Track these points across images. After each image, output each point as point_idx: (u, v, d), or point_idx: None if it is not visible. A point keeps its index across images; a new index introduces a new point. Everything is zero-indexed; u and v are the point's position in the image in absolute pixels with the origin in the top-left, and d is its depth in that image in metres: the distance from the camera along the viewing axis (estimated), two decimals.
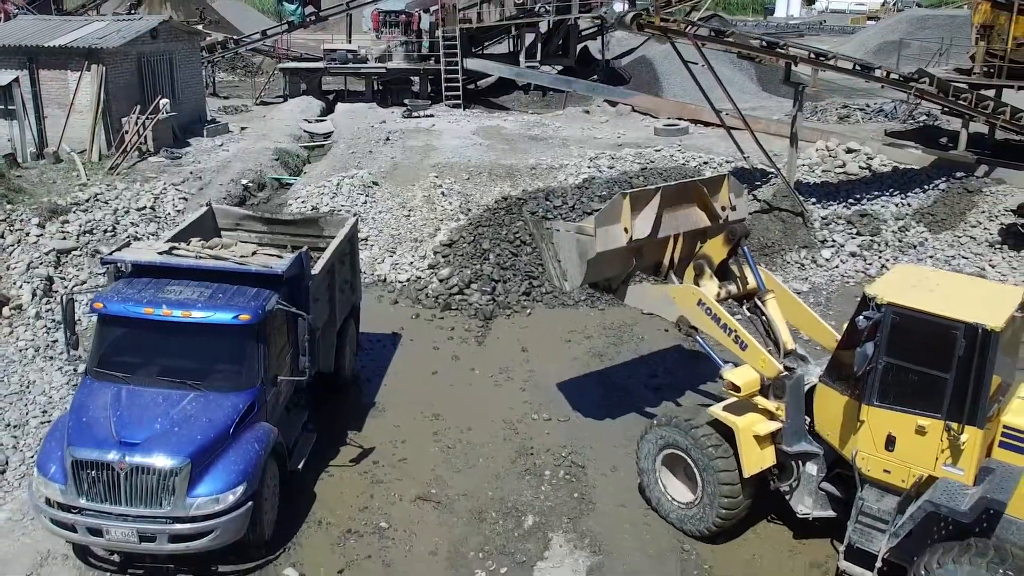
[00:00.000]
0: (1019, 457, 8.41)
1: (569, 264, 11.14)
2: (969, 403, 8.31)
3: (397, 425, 12.71)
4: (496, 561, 9.93)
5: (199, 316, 9.82)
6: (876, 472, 9.08)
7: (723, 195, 11.69)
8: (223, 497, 9.13)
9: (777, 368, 10.09)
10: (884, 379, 8.81)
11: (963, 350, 8.24)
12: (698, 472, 10.14)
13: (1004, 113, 21.40)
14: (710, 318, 10.58)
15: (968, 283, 10.29)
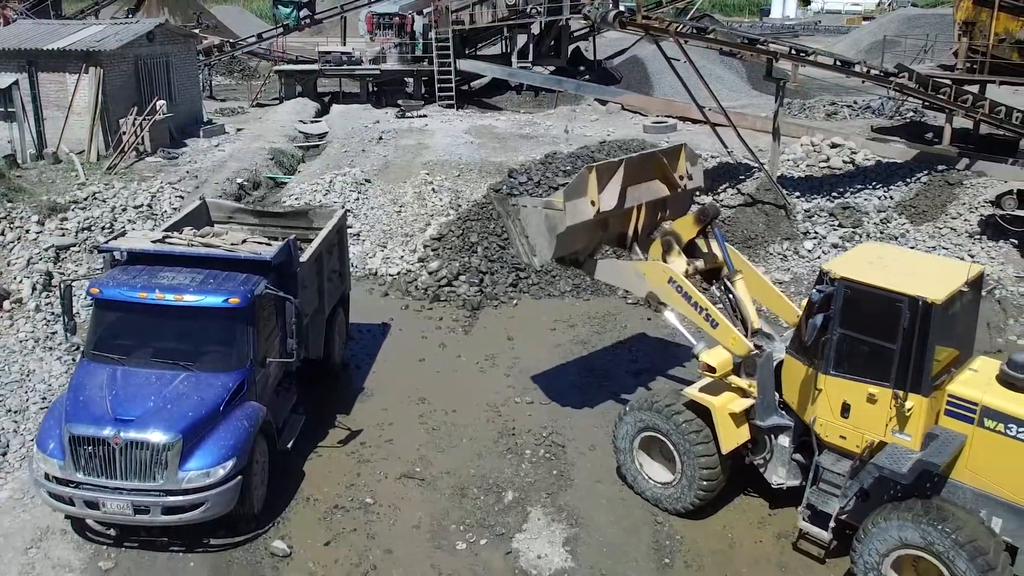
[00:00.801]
0: (962, 424, 8.83)
1: (538, 239, 11.26)
2: (912, 372, 8.77)
3: (384, 409, 13.16)
4: (476, 534, 10.36)
5: (191, 300, 10.28)
6: (833, 438, 9.58)
7: (681, 165, 12.03)
8: (213, 471, 9.58)
9: (748, 347, 10.49)
10: (839, 349, 9.29)
11: (907, 322, 8.68)
12: (677, 453, 10.49)
13: (983, 107, 21.81)
14: (681, 295, 10.85)
15: (923, 260, 10.74)
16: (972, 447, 8.78)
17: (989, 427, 8.64)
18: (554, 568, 9.77)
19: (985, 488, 8.73)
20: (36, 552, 9.91)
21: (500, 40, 37.10)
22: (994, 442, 8.61)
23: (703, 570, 9.80)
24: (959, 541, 8.33)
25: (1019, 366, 8.83)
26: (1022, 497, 8.53)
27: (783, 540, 10.29)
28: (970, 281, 9.09)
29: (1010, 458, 8.53)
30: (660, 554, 10.02)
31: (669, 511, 10.69)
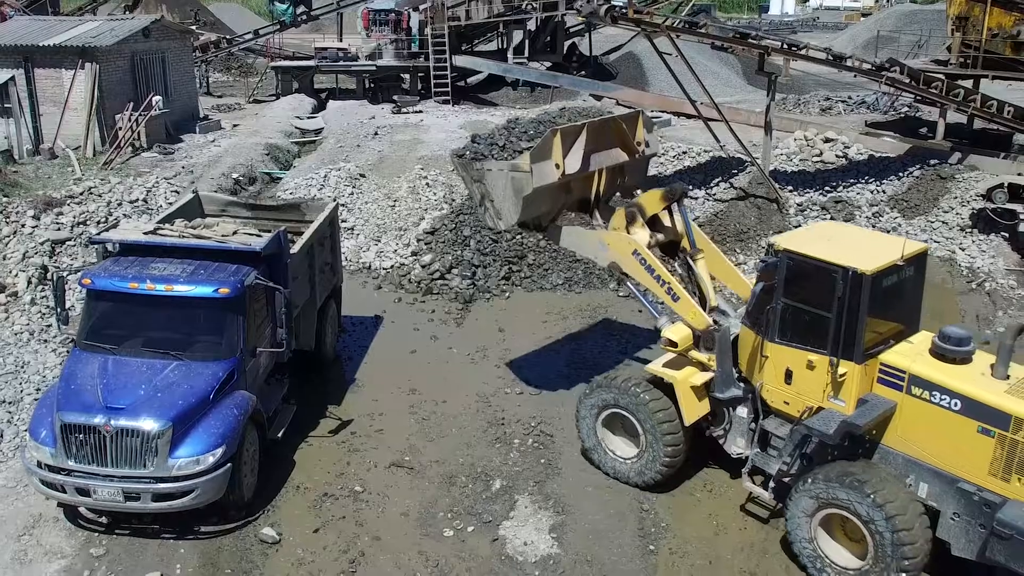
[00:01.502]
0: (892, 392, 9.25)
1: (504, 203, 11.31)
2: (845, 340, 9.23)
3: (375, 399, 13.28)
4: (464, 521, 10.48)
5: (181, 290, 10.41)
6: (778, 403, 10.10)
7: (639, 132, 12.23)
8: (203, 458, 9.70)
9: (707, 321, 10.83)
10: (782, 318, 9.77)
11: (842, 291, 9.13)
12: (641, 427, 10.81)
13: (975, 101, 21.90)
14: (644, 268, 11.08)
15: (869, 236, 11.32)
16: (901, 414, 9.21)
17: (916, 394, 9.04)
18: (540, 554, 9.89)
19: (913, 454, 9.15)
20: (29, 539, 10.03)
21: (496, 36, 37.15)
22: (920, 409, 9.02)
23: (688, 556, 9.92)
24: (877, 501, 8.77)
25: (949, 338, 9.19)
26: (945, 462, 8.91)
27: (768, 527, 10.42)
28: (908, 256, 9.38)
29: (934, 425, 8.93)
30: (645, 540, 10.14)
31: (637, 486, 10.98)
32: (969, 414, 8.68)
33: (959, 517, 8.84)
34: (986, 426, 8.56)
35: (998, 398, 8.59)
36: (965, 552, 8.85)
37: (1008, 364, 9.01)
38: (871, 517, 8.85)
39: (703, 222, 20.83)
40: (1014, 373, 9.03)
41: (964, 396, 8.72)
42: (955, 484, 8.83)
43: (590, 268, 17.61)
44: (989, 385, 8.79)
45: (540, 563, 9.75)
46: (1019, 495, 8.43)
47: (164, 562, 9.68)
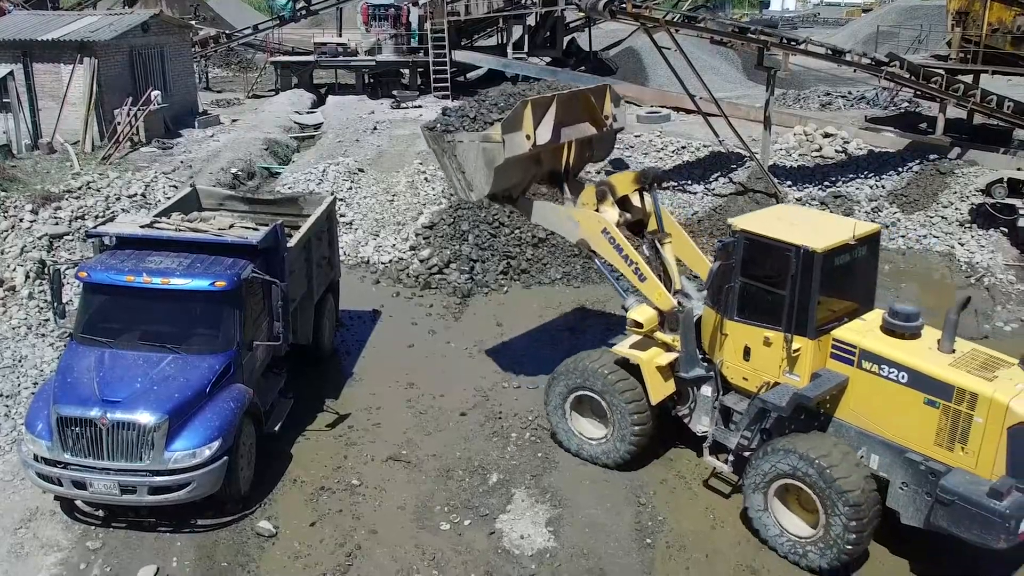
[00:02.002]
0: (844, 367, 9.60)
1: (476, 174, 11.31)
2: (798, 316, 9.59)
3: (373, 393, 13.28)
4: (461, 515, 10.47)
5: (178, 283, 10.39)
6: (737, 379, 10.48)
7: (607, 106, 12.27)
8: (199, 451, 9.69)
9: (672, 302, 11.02)
10: (740, 297, 10.12)
11: (794, 269, 9.45)
12: (609, 408, 11.07)
13: (974, 96, 21.86)
14: (613, 247, 11.24)
15: (823, 218, 11.58)
16: (853, 388, 9.55)
17: (867, 368, 9.38)
18: (537, 548, 9.89)
19: (865, 426, 9.49)
20: (25, 532, 10.03)
21: (495, 31, 37.10)
22: (870, 383, 9.37)
23: (685, 550, 9.91)
24: (827, 472, 9.08)
25: (898, 314, 9.56)
26: (894, 434, 9.27)
27: None
28: (860, 237, 9.71)
29: (884, 398, 9.28)
30: (642, 534, 10.13)
31: (607, 465, 11.23)
32: (916, 386, 9.02)
33: (907, 487, 9.19)
34: (931, 397, 8.92)
35: (942, 370, 8.92)
36: (913, 520, 9.21)
37: (953, 338, 9.35)
38: (822, 487, 9.14)
39: (702, 216, 20.85)
40: (959, 347, 9.36)
41: (911, 369, 9.05)
42: (903, 455, 9.18)
43: (588, 263, 17.59)
44: (935, 358, 9.13)
45: (537, 556, 9.74)
46: (962, 463, 8.79)
47: (160, 555, 9.68)
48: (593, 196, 11.67)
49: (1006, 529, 8.39)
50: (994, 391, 8.60)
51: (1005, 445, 8.56)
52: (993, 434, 8.59)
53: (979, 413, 8.64)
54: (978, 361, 9.17)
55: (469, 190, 11.58)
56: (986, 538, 8.53)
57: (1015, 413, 8.49)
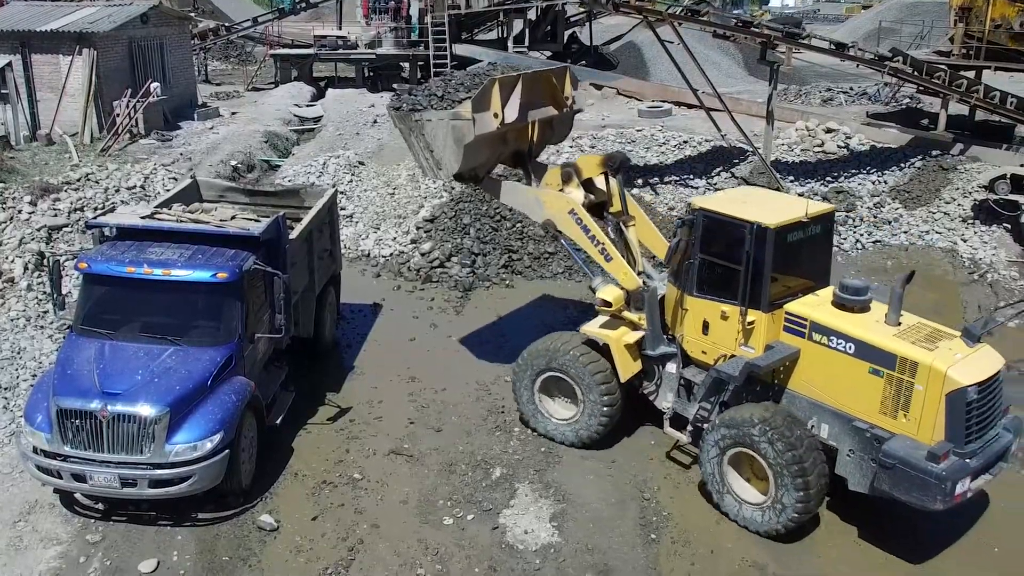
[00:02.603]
0: (796, 339, 10.01)
1: (445, 152, 11.30)
2: (753, 290, 10.01)
3: (374, 387, 13.19)
4: (464, 509, 10.39)
5: (179, 274, 10.29)
6: (696, 353, 10.89)
7: (567, 87, 12.40)
8: (201, 444, 9.59)
9: (638, 282, 11.33)
10: (699, 273, 10.54)
11: (749, 245, 9.86)
12: (579, 388, 11.31)
13: (978, 92, 21.78)
14: (579, 227, 11.41)
15: (780, 198, 12.34)
16: (804, 359, 9.95)
17: (817, 340, 9.80)
18: (541, 543, 9.80)
19: (815, 397, 9.91)
20: (24, 525, 9.93)
21: (496, 25, 36.96)
22: (820, 354, 9.78)
23: (689, 545, 9.84)
24: (777, 441, 9.49)
25: (848, 288, 9.99)
26: (842, 403, 9.70)
27: None
28: (813, 215, 10.21)
29: (833, 368, 9.69)
30: (647, 529, 10.06)
31: (575, 445, 11.49)
32: (862, 356, 9.45)
33: (854, 454, 9.64)
34: (876, 367, 9.35)
35: (887, 341, 9.38)
36: (859, 486, 9.65)
37: (899, 311, 9.76)
38: (773, 456, 9.54)
39: None
40: (905, 320, 9.80)
41: (858, 340, 9.49)
42: (851, 423, 9.61)
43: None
44: (880, 330, 9.58)
45: (541, 552, 9.66)
46: (905, 430, 9.24)
47: (161, 549, 9.58)
48: (558, 177, 11.91)
49: (942, 491, 8.84)
50: (933, 359, 9.06)
51: (943, 411, 9.02)
52: (933, 401, 9.04)
53: (920, 381, 9.08)
54: (922, 333, 9.62)
55: (437, 168, 11.60)
56: (924, 500, 8.98)
57: (953, 380, 8.94)
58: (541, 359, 11.57)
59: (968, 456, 9.13)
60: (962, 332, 9.56)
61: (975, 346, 9.44)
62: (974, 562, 9.71)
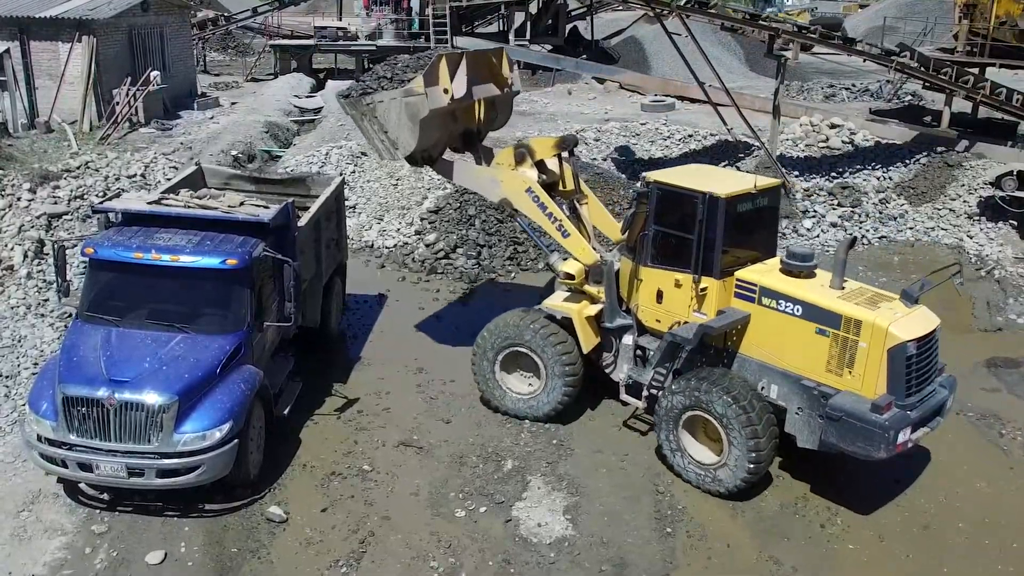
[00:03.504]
0: (746, 304, 10.47)
1: (400, 130, 11.26)
2: (705, 258, 10.46)
3: (381, 378, 13.02)
4: (476, 501, 10.22)
5: (187, 261, 10.08)
6: (650, 322, 11.27)
7: (505, 68, 12.77)
8: (210, 434, 9.40)
9: (595, 256, 11.67)
10: (653, 244, 10.94)
11: (701, 214, 10.31)
12: (542, 361, 11.53)
13: (984, 88, 21.68)
14: (536, 205, 11.65)
15: (730, 174, 12.88)
16: (754, 323, 10.42)
17: (766, 304, 10.29)
18: (555, 536, 9.65)
19: (765, 359, 10.37)
20: (28, 515, 9.73)
21: (497, 18, 36.77)
22: (769, 317, 10.26)
23: (706, 539, 9.69)
24: (730, 402, 9.93)
25: (794, 255, 10.52)
26: (790, 364, 10.16)
27: (786, 510, 10.23)
28: (760, 187, 10.71)
29: (781, 330, 10.18)
30: (662, 523, 9.91)
31: (537, 419, 11.74)
32: (808, 318, 9.96)
33: (802, 411, 10.11)
34: (822, 327, 9.86)
35: (832, 302, 9.91)
36: (808, 443, 10.14)
37: (843, 276, 10.34)
38: (725, 416, 9.96)
39: None
40: (848, 285, 10.38)
41: (804, 302, 10.01)
42: (799, 382, 10.09)
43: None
44: (826, 293, 10.12)
45: (555, 544, 9.50)
46: (850, 386, 9.74)
47: (168, 540, 9.40)
48: (511, 156, 12.03)
49: (886, 440, 9.36)
50: (875, 318, 9.62)
51: (885, 366, 9.55)
52: (875, 356, 9.57)
53: (863, 338, 9.61)
54: (864, 296, 10.18)
55: (394, 148, 11.53)
56: (869, 450, 9.48)
57: (893, 335, 9.49)
58: (503, 335, 11.75)
59: (909, 408, 9.68)
60: (901, 294, 10.13)
61: (913, 307, 10.01)
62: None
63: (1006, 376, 13.78)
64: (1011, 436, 11.98)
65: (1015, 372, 13.88)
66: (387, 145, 11.49)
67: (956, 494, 10.62)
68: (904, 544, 9.71)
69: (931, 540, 9.79)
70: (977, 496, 10.61)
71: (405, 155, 11.67)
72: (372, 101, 11.38)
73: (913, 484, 10.78)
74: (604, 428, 11.69)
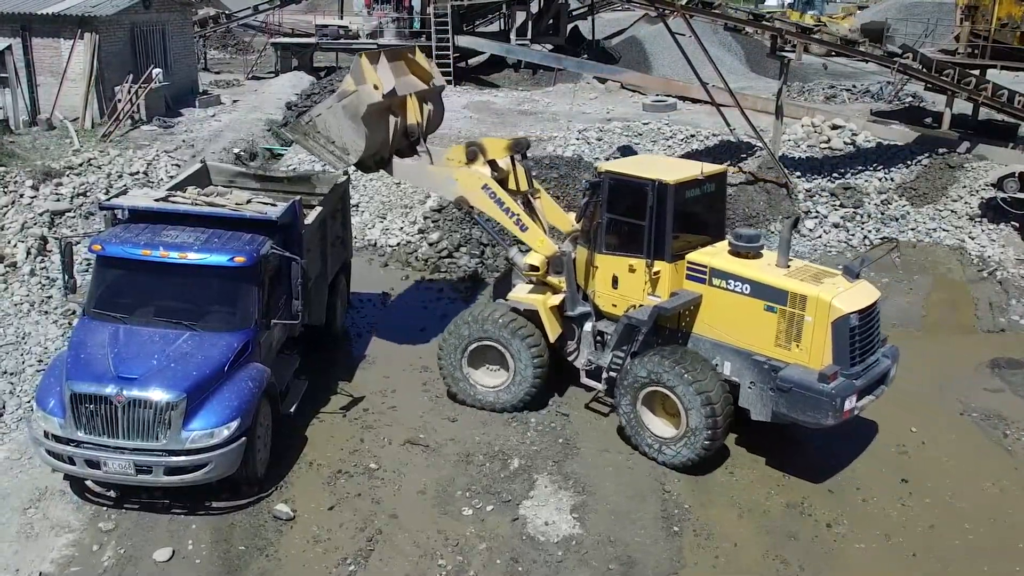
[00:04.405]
0: (698, 285, 10.98)
1: (345, 134, 11.48)
2: (656, 242, 10.94)
3: (387, 376, 13.03)
4: (483, 500, 10.23)
5: (195, 258, 10.07)
6: (607, 307, 11.72)
7: (423, 62, 13.15)
8: (217, 431, 9.39)
9: (554, 247, 11.97)
10: (607, 231, 11.39)
11: (652, 201, 10.78)
12: (510, 354, 11.78)
13: (985, 90, 21.71)
14: (494, 202, 11.86)
15: (678, 162, 13.10)
16: (706, 304, 10.92)
17: (716, 284, 10.80)
18: (562, 535, 9.66)
19: (717, 337, 10.87)
20: (35, 512, 9.72)
21: (498, 17, 36.80)
22: (720, 297, 10.78)
23: (712, 539, 9.71)
24: (688, 379, 10.37)
25: (741, 236, 11.01)
26: (741, 340, 10.66)
27: (792, 509, 10.25)
28: (707, 174, 11.24)
29: (731, 309, 10.69)
30: (669, 523, 9.92)
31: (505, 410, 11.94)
32: (757, 295, 10.46)
33: (754, 385, 10.61)
34: (770, 304, 10.36)
35: (779, 280, 10.42)
36: (761, 415, 10.63)
37: (788, 255, 10.86)
38: (684, 392, 10.39)
39: None
40: (793, 263, 10.92)
41: (752, 281, 10.51)
42: (750, 358, 10.59)
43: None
44: (772, 271, 10.63)
45: (563, 543, 9.51)
46: (798, 359, 10.25)
47: (175, 538, 9.39)
48: (462, 153, 12.26)
49: (833, 407, 9.86)
50: (819, 292, 10.14)
51: (831, 338, 10.05)
52: (821, 329, 10.08)
53: (809, 312, 10.12)
54: (809, 273, 10.71)
55: (345, 154, 11.67)
56: (818, 418, 9.97)
57: (837, 308, 10.02)
58: (470, 330, 11.94)
59: (854, 377, 10.19)
60: (842, 270, 10.72)
61: (855, 282, 10.57)
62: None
63: (1010, 377, 13.81)
64: (1015, 437, 11.99)
65: (1019, 373, 13.91)
66: (338, 153, 11.69)
67: (961, 494, 10.63)
68: (910, 544, 9.73)
69: (936, 540, 9.81)
70: (982, 496, 10.63)
71: (357, 157, 11.80)
72: (311, 117, 11.72)
73: (918, 484, 10.80)
74: (610, 427, 11.68)
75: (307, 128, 11.71)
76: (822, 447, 11.50)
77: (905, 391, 13.01)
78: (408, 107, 12.40)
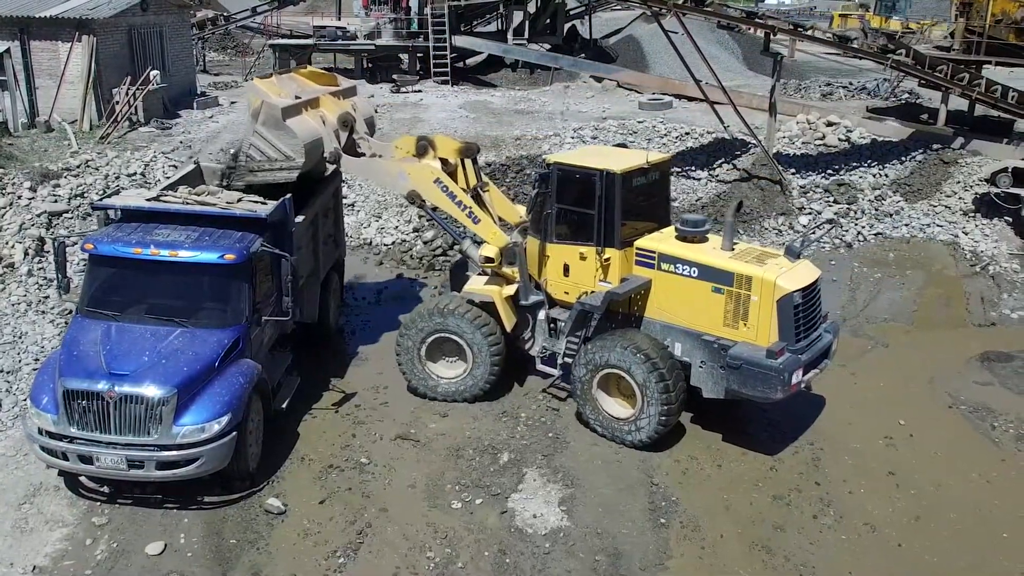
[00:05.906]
0: (647, 270, 11.31)
1: (279, 142, 11.75)
2: (605, 230, 11.25)
3: (379, 373, 13.14)
4: (472, 493, 10.33)
5: (186, 256, 10.20)
6: (559, 294, 12.01)
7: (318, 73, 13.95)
8: (208, 426, 9.51)
9: (506, 239, 12.20)
10: (557, 221, 11.68)
11: (600, 190, 11.09)
12: (467, 345, 12.02)
13: (980, 86, 21.77)
14: (446, 195, 12.06)
15: (624, 152, 13.23)
16: (655, 288, 11.24)
17: (664, 269, 11.14)
18: (550, 527, 9.76)
19: (668, 319, 11.22)
20: (30, 507, 9.85)
21: (496, 17, 36.88)
22: (668, 281, 11.11)
23: (699, 530, 9.80)
24: (643, 360, 10.71)
25: (687, 222, 11.37)
26: (691, 322, 11.02)
27: (778, 501, 10.33)
28: (653, 162, 11.62)
29: (680, 292, 11.03)
30: (656, 514, 10.02)
31: (466, 400, 12.19)
32: (704, 278, 10.83)
33: (705, 364, 10.98)
34: (717, 285, 10.74)
35: (724, 262, 10.80)
36: (713, 392, 11.03)
37: (732, 238, 11.28)
38: (639, 372, 10.74)
39: (706, 203, 20.70)
40: (738, 246, 11.33)
41: (699, 264, 10.88)
42: (700, 338, 10.93)
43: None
44: (718, 254, 11.02)
45: (550, 535, 9.61)
46: (746, 337, 10.64)
47: (167, 532, 9.51)
48: (412, 145, 12.39)
49: (781, 381, 10.29)
50: (764, 272, 10.52)
51: (776, 316, 10.45)
52: (766, 308, 10.46)
53: (754, 292, 10.49)
54: (753, 255, 11.09)
55: (291, 160, 11.85)
56: (767, 392, 10.40)
57: (781, 287, 10.41)
58: (427, 323, 12.13)
59: (799, 352, 10.61)
60: (785, 250, 11.15)
61: (796, 262, 10.95)
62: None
63: (999, 370, 13.88)
64: (1003, 428, 12.07)
65: (1008, 366, 13.99)
66: (285, 164, 11.88)
67: (948, 485, 10.72)
68: (896, 534, 9.80)
69: (922, 530, 9.89)
70: (969, 487, 10.71)
71: (303, 156, 11.94)
72: (242, 155, 12.07)
73: (905, 475, 10.88)
74: None
75: (247, 165, 12.02)
76: (810, 441, 11.58)
77: (895, 384, 13.14)
78: (325, 104, 12.71)
